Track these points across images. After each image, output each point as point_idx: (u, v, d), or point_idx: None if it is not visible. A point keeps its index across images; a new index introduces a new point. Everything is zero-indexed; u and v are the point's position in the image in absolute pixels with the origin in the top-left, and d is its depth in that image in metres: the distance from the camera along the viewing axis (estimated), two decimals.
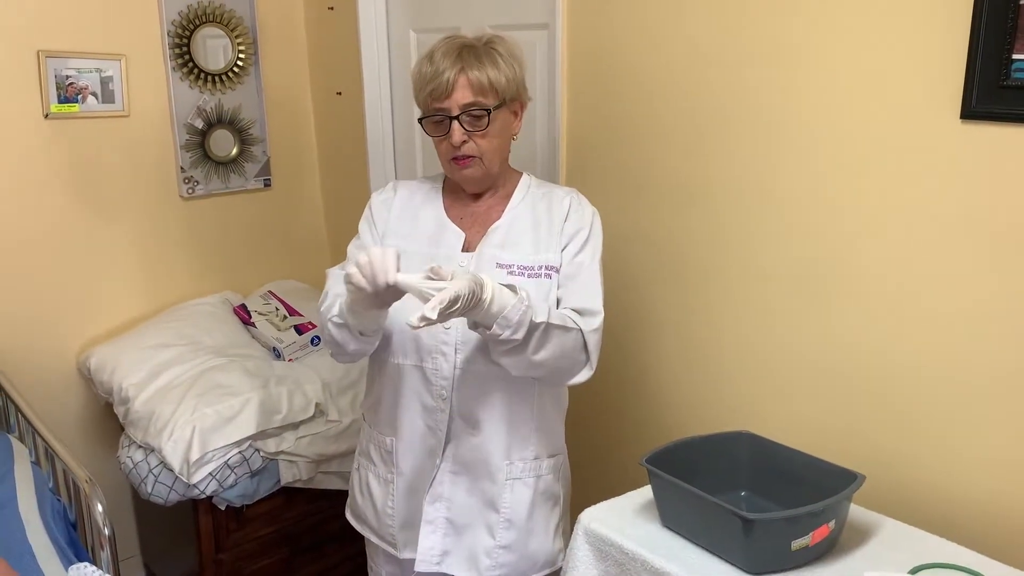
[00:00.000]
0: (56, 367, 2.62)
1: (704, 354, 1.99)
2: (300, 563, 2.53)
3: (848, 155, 1.65)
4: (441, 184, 1.78)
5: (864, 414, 1.70)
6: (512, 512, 1.72)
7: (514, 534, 1.72)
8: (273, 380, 2.42)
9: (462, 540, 1.73)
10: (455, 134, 1.59)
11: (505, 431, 1.68)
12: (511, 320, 1.45)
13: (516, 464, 1.71)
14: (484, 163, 1.63)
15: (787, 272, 1.79)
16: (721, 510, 1.37)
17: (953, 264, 1.53)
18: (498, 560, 1.73)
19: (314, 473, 2.41)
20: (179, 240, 2.81)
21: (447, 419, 1.67)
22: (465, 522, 1.73)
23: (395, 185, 1.80)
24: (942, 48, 1.48)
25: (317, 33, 2.97)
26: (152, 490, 2.25)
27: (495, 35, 1.65)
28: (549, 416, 1.75)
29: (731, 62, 1.80)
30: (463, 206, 1.73)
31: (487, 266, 1.64)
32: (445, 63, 1.58)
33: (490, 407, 1.67)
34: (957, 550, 1.41)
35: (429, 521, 1.72)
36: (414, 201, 1.75)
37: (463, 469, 1.70)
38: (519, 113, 1.69)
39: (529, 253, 1.65)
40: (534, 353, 1.52)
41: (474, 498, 1.71)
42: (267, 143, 2.94)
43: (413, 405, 1.70)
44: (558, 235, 1.67)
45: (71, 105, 2.52)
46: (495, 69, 1.59)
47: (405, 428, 1.72)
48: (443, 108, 1.59)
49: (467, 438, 1.68)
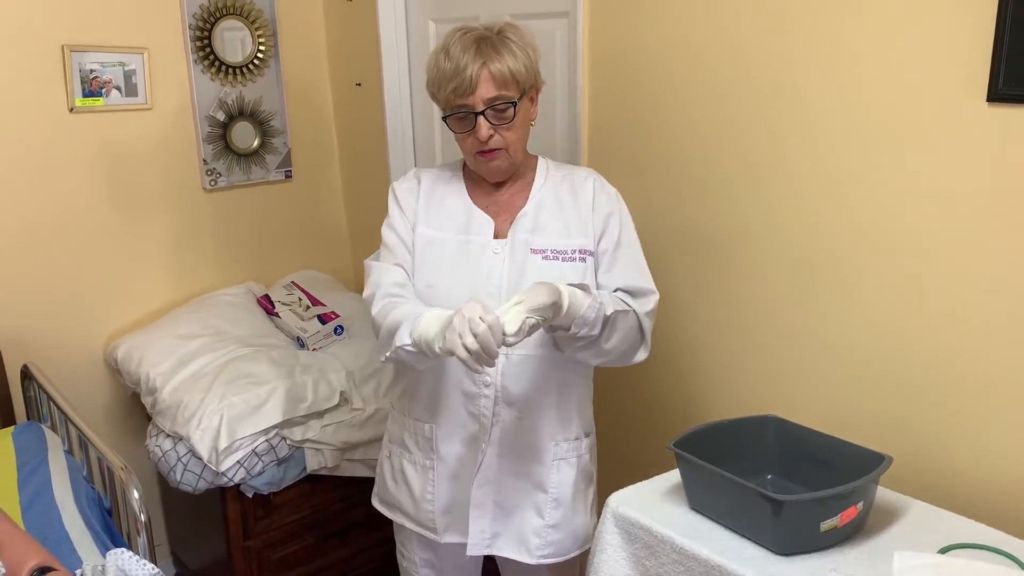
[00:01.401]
0: (83, 358, 2.65)
1: (730, 339, 1.99)
2: (326, 550, 2.56)
3: (875, 139, 1.65)
4: (461, 172, 1.78)
5: (890, 398, 1.71)
6: (559, 491, 1.74)
7: (561, 513, 1.75)
8: (298, 369, 2.44)
9: (511, 522, 1.75)
10: (482, 129, 1.59)
11: (552, 413, 1.71)
12: (588, 319, 1.51)
13: (562, 445, 1.74)
14: (510, 154, 1.65)
15: (813, 257, 1.79)
16: (750, 492, 1.38)
17: (981, 248, 1.53)
18: (547, 539, 1.75)
19: (339, 461, 2.43)
20: (202, 232, 2.83)
21: (492, 404, 1.68)
22: (513, 504, 1.74)
23: (417, 173, 1.80)
24: (968, 31, 1.48)
25: (336, 24, 2.98)
26: (181, 478, 2.28)
27: (506, 23, 1.64)
28: (586, 396, 1.80)
29: (756, 47, 1.80)
30: (486, 194, 1.74)
31: (520, 252, 1.66)
32: (465, 58, 1.56)
33: (537, 391, 1.69)
34: (985, 530, 1.42)
35: (477, 505, 1.73)
36: (438, 189, 1.76)
37: (510, 452, 1.72)
38: (535, 99, 1.69)
39: (560, 237, 1.67)
40: (605, 342, 1.58)
41: (521, 480, 1.73)
42: (288, 135, 2.96)
43: (454, 393, 1.70)
44: (589, 219, 1.69)
45: (95, 99, 2.54)
46: (513, 59, 1.59)
47: (446, 415, 1.73)
48: (467, 104, 1.59)
49: (514, 422, 1.70)
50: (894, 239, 1.65)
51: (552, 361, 1.67)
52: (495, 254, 1.66)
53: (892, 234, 1.65)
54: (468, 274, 1.66)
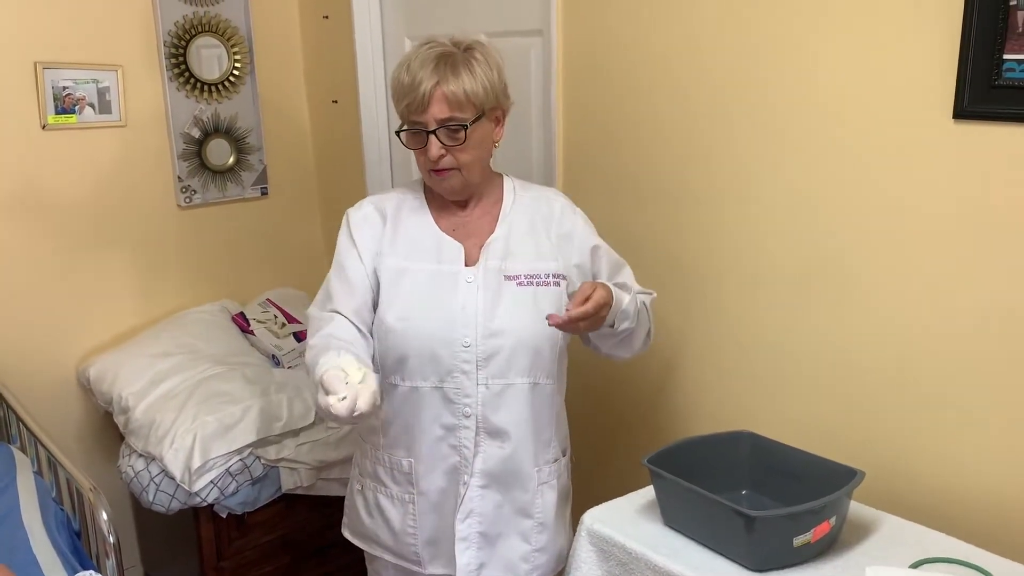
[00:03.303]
0: (55, 377, 2.62)
1: (703, 355, 2.00)
2: (302, 570, 2.53)
3: (843, 155, 1.66)
4: (423, 194, 1.72)
5: (863, 412, 1.72)
6: (544, 516, 1.73)
7: (547, 536, 1.75)
8: (273, 387, 2.42)
9: (496, 550, 1.72)
10: (432, 148, 1.56)
11: (532, 439, 1.68)
12: (629, 313, 1.58)
13: (544, 469, 1.72)
14: (463, 175, 1.61)
15: (783, 273, 1.80)
16: (723, 508, 1.38)
17: (948, 263, 1.55)
18: (535, 563, 1.74)
19: (315, 480, 2.41)
20: (177, 249, 2.81)
21: (473, 435, 1.65)
22: (498, 532, 1.71)
23: (372, 201, 1.72)
24: (934, 48, 1.50)
25: (312, 42, 2.98)
26: (154, 499, 2.25)
27: (475, 41, 1.60)
28: (562, 414, 1.79)
29: (726, 65, 1.82)
30: (452, 216, 1.69)
31: (494, 279, 1.63)
32: (422, 74, 1.53)
33: (517, 418, 1.66)
34: (958, 545, 1.43)
35: (463, 538, 1.69)
36: (397, 216, 1.69)
37: (493, 482, 1.68)
38: (501, 120, 1.65)
39: (533, 260, 1.65)
40: (638, 333, 1.69)
41: (506, 508, 1.70)
42: (264, 152, 2.95)
43: (431, 427, 1.66)
44: (558, 243, 1.68)
45: (68, 116, 2.52)
46: (472, 79, 1.55)
47: (424, 449, 1.68)
48: (420, 122, 1.56)
49: (496, 451, 1.66)
50: (864, 255, 1.66)
51: (530, 387, 1.65)
52: (468, 283, 1.62)
53: (861, 251, 1.67)
54: (442, 306, 1.61)
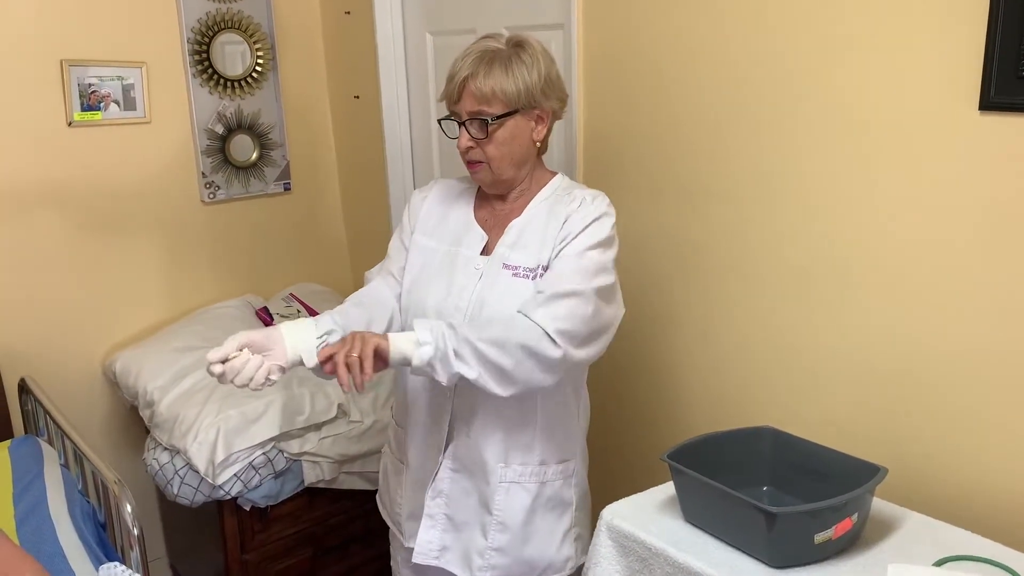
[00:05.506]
0: (82, 372, 2.66)
1: (725, 351, 1.99)
2: (324, 563, 2.55)
3: (868, 148, 1.64)
4: (476, 184, 1.77)
5: (886, 408, 1.70)
6: (505, 515, 1.71)
7: (507, 537, 1.72)
8: (295, 381, 2.44)
9: (460, 537, 1.76)
10: (462, 139, 1.62)
11: (500, 437, 1.68)
12: (418, 368, 1.50)
13: (514, 468, 1.70)
14: (491, 169, 1.63)
15: (806, 268, 1.79)
16: (744, 504, 1.37)
17: (973, 256, 1.53)
18: (489, 561, 1.73)
19: (337, 473, 2.43)
20: (201, 244, 2.84)
21: (449, 417, 1.71)
22: (463, 520, 1.75)
23: (435, 183, 1.84)
24: (960, 39, 1.48)
25: (334, 37, 3.00)
26: (178, 492, 2.28)
27: (525, 40, 1.61)
28: (558, 422, 1.73)
29: (748, 59, 1.80)
30: (490, 207, 1.73)
31: (495, 268, 1.64)
32: (461, 66, 1.59)
33: (483, 413, 1.68)
34: (982, 542, 1.41)
35: (430, 515, 1.75)
36: (447, 199, 1.78)
37: (462, 468, 1.73)
38: (544, 120, 1.64)
39: (535, 253, 1.63)
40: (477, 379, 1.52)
41: (471, 498, 1.74)
42: (286, 148, 2.97)
43: (421, 398, 1.74)
44: (557, 236, 1.62)
45: (94, 113, 2.55)
46: (506, 77, 1.56)
47: (412, 420, 1.76)
48: (455, 112, 1.62)
49: (464, 439, 1.71)
50: (888, 248, 1.64)
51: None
52: (476, 269, 1.66)
53: (886, 243, 1.65)
54: (442, 285, 1.68)
